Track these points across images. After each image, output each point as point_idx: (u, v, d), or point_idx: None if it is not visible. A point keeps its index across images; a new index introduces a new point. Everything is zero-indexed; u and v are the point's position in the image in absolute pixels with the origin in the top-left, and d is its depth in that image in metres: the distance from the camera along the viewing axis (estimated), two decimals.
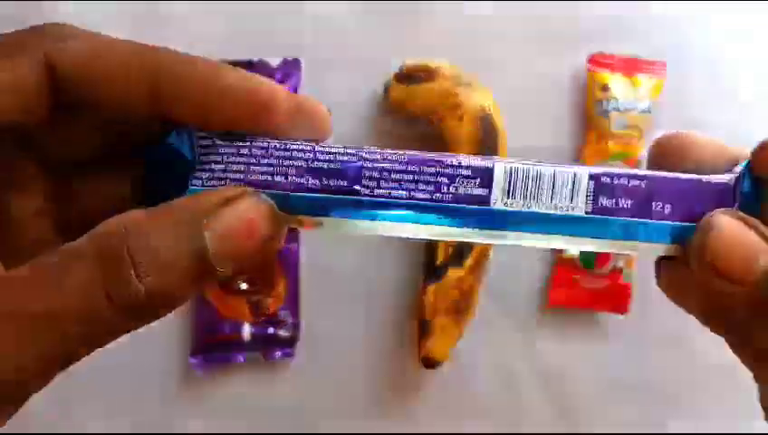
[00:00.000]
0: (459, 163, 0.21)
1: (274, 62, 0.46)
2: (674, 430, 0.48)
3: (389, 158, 0.21)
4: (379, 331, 0.47)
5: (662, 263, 0.22)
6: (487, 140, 0.43)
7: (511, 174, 0.21)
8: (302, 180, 0.20)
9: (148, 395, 0.46)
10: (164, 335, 0.46)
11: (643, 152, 0.46)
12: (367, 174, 0.21)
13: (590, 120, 0.47)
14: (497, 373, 0.48)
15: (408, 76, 0.44)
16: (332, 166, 0.20)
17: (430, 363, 0.44)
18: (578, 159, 0.47)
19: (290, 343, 0.46)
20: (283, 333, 0.46)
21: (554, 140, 0.48)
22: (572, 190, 0.21)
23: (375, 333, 0.47)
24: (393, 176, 0.21)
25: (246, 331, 0.46)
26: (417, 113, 0.45)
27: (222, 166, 0.20)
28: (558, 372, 0.48)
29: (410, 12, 0.47)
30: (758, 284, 0.19)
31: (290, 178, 0.20)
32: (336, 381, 0.47)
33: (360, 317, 0.47)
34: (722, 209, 0.20)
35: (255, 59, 0.46)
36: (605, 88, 0.46)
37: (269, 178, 0.20)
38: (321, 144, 0.21)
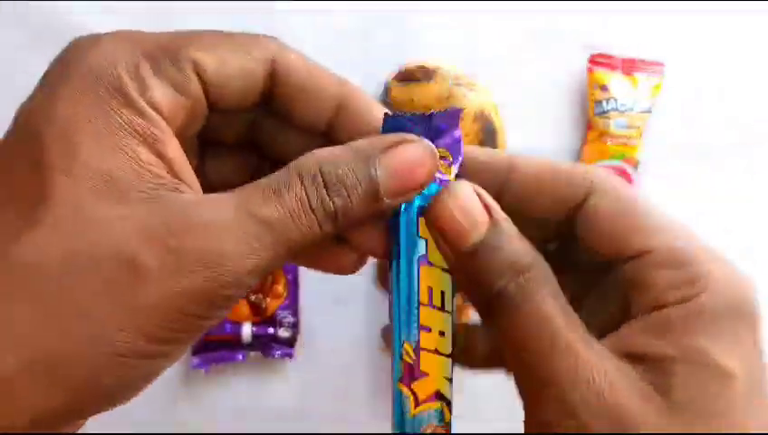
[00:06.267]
0: None
1: None
2: None
3: None
4: (378, 331, 0.47)
5: None
6: (487, 141, 0.43)
7: None
8: None
9: (149, 395, 0.46)
10: None
11: (642, 152, 0.46)
12: None
13: (590, 119, 0.47)
14: (497, 373, 0.48)
15: (408, 76, 0.44)
16: None
17: None
18: (578, 158, 0.47)
19: (290, 342, 0.46)
20: (282, 333, 0.46)
21: (554, 140, 0.48)
22: None
23: (375, 333, 0.47)
24: None
25: (246, 331, 0.46)
26: None
27: None
28: None
29: (410, 12, 0.47)
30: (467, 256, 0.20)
31: None
32: (336, 381, 0.47)
33: (360, 317, 0.47)
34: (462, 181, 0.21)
35: None
36: (605, 88, 0.46)
37: None
38: None
